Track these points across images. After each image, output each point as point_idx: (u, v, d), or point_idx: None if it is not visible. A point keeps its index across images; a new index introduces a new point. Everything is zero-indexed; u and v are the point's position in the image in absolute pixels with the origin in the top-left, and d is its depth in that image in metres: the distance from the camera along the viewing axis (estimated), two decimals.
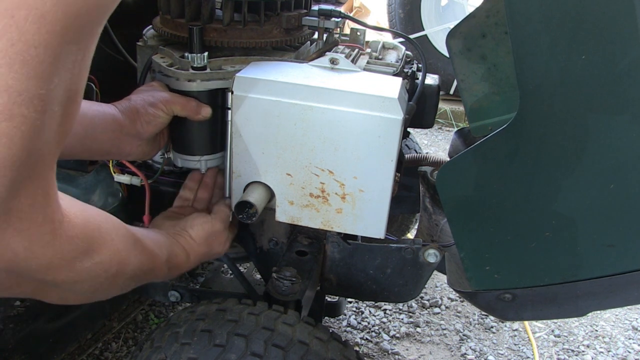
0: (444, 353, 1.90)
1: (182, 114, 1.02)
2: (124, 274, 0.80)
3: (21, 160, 0.54)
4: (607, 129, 0.88)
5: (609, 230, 0.97)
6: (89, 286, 0.74)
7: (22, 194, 0.56)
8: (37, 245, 0.61)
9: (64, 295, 0.73)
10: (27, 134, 0.53)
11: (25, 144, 0.53)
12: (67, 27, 0.53)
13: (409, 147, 1.85)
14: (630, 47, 0.82)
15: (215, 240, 1.07)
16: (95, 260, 0.71)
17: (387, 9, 4.12)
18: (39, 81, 0.52)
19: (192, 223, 1.05)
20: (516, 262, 1.03)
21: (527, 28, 0.84)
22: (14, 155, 0.53)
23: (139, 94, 1.02)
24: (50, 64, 0.53)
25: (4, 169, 0.52)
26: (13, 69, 0.50)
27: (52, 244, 0.62)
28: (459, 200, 1.01)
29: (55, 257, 0.64)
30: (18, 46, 0.50)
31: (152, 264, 0.89)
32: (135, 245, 0.84)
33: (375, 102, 0.97)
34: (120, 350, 1.76)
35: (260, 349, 0.89)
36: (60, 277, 0.67)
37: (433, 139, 3.85)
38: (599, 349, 1.98)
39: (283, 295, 1.06)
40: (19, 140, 0.52)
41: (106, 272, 0.75)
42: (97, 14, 0.56)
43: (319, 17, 1.18)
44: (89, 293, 0.76)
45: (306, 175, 1.05)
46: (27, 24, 0.50)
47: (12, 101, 0.51)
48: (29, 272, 0.62)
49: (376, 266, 1.20)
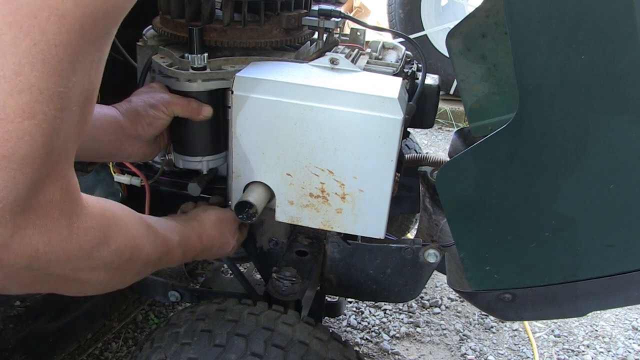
0: (444, 353, 1.90)
1: (183, 114, 1.02)
2: (138, 259, 0.81)
3: (42, 158, 0.55)
4: (607, 129, 0.88)
5: (609, 230, 0.97)
6: (105, 274, 0.75)
7: (41, 191, 0.58)
8: (56, 239, 0.62)
9: (83, 288, 0.74)
10: (48, 131, 0.54)
11: (46, 142, 0.55)
12: (85, 27, 0.54)
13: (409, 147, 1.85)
14: (630, 47, 0.82)
15: (227, 226, 1.09)
16: (111, 248, 0.73)
17: (387, 9, 4.12)
18: (59, 79, 0.54)
19: (203, 208, 1.07)
20: (516, 262, 1.03)
21: (526, 28, 0.84)
22: (35, 152, 0.54)
23: (139, 95, 1.02)
24: (70, 63, 0.54)
25: (25, 166, 0.54)
26: (35, 68, 0.52)
27: (70, 237, 0.64)
28: (459, 200, 1.01)
29: (74, 250, 0.65)
30: (40, 45, 0.51)
31: (165, 248, 0.90)
32: (148, 231, 0.85)
33: (375, 102, 0.97)
34: (120, 350, 1.76)
35: (260, 349, 0.89)
36: (79, 268, 0.68)
37: (433, 139, 3.85)
38: (599, 349, 1.98)
39: (283, 295, 1.06)
40: (40, 138, 0.54)
41: (120, 258, 0.76)
42: (113, 15, 0.58)
43: (319, 17, 1.18)
44: (106, 282, 0.77)
45: (306, 175, 1.05)
46: (48, 24, 0.51)
47: (34, 99, 0.52)
48: (49, 266, 0.63)
49: (376, 266, 1.20)
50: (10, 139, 0.52)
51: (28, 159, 0.54)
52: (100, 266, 0.73)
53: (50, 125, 0.54)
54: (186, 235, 0.98)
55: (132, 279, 0.84)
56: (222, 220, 1.08)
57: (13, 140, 0.52)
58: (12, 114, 0.51)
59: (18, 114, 0.52)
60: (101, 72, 0.62)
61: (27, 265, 0.60)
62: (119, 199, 1.20)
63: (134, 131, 0.99)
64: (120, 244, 0.75)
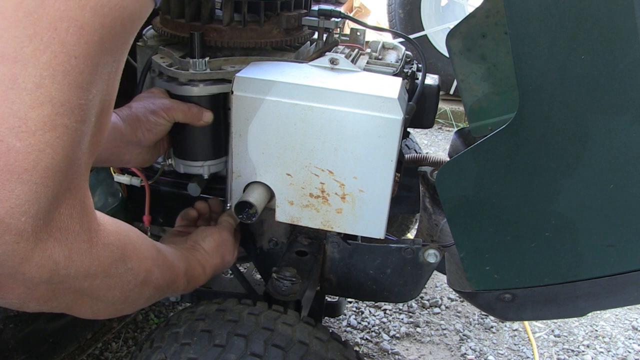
0: (444, 353, 1.90)
1: (184, 120, 1.02)
2: (150, 282, 0.81)
3: (63, 171, 0.55)
4: (606, 129, 0.88)
5: (609, 230, 0.97)
6: (120, 294, 0.75)
7: (62, 204, 0.58)
8: (77, 253, 0.62)
9: (96, 308, 0.74)
10: (69, 144, 0.54)
11: (67, 155, 0.55)
12: (104, 38, 0.54)
13: (409, 147, 1.85)
14: (630, 47, 0.82)
15: (226, 249, 1.08)
16: (128, 266, 0.73)
17: (387, 9, 4.12)
18: (80, 91, 0.54)
19: (202, 236, 1.05)
20: (516, 262, 1.03)
21: (526, 28, 0.84)
22: (57, 165, 0.54)
23: (139, 101, 1.01)
24: (90, 74, 0.54)
25: (47, 179, 0.53)
26: (56, 80, 0.52)
27: (90, 251, 0.64)
28: (459, 200, 1.01)
29: (93, 264, 0.65)
30: (60, 57, 0.51)
31: (173, 275, 0.90)
32: (158, 255, 0.85)
33: (375, 102, 0.97)
34: (120, 350, 1.76)
35: (260, 349, 0.89)
36: (96, 284, 0.69)
37: (433, 139, 3.85)
38: (599, 349, 1.98)
39: (283, 295, 1.06)
40: (61, 151, 0.54)
41: (135, 279, 0.77)
42: (130, 25, 0.58)
43: (319, 17, 1.18)
44: (119, 303, 0.77)
45: (306, 176, 1.05)
46: (68, 35, 0.51)
47: (55, 112, 0.52)
48: (68, 280, 0.63)
49: (376, 266, 1.20)
50: (32, 152, 0.51)
51: (50, 172, 0.53)
52: (117, 284, 0.73)
53: (72, 137, 0.54)
54: (191, 265, 0.97)
55: (143, 303, 0.84)
56: (221, 244, 1.07)
57: (34, 153, 0.52)
58: (33, 126, 0.51)
59: (39, 127, 0.51)
60: (117, 83, 0.62)
61: (47, 279, 0.60)
62: (119, 199, 1.20)
63: (134, 137, 0.98)
64: (135, 263, 0.75)
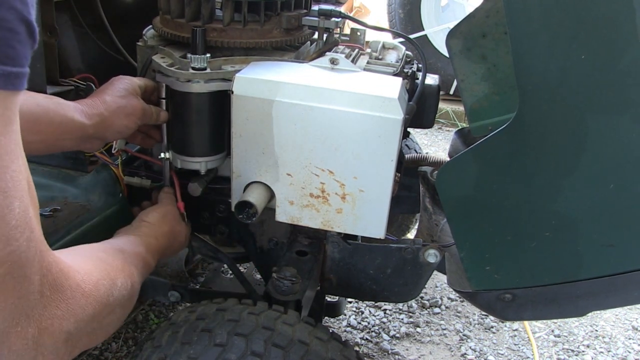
0: (444, 353, 1.90)
1: (143, 121, 1.07)
2: (135, 282, 0.87)
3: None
4: (606, 129, 0.88)
5: (609, 230, 0.97)
6: (121, 310, 0.81)
7: (41, 282, 0.58)
8: (80, 313, 0.66)
9: (106, 331, 0.78)
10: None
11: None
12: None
13: (409, 147, 1.85)
14: (630, 47, 0.82)
15: (172, 218, 1.11)
16: (118, 286, 0.78)
17: (387, 9, 4.13)
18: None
19: (145, 212, 1.10)
20: (516, 262, 1.03)
21: (526, 28, 0.84)
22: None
23: (114, 96, 1.02)
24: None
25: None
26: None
27: (87, 302, 0.67)
28: (459, 200, 1.01)
29: (97, 308, 0.70)
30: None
31: (142, 262, 0.95)
32: (124, 255, 0.90)
33: (375, 102, 0.97)
34: (120, 350, 1.76)
35: (261, 349, 0.89)
36: (102, 318, 0.73)
37: (433, 139, 3.85)
38: (599, 349, 1.98)
39: (283, 295, 1.06)
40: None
41: (128, 291, 0.82)
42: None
43: (319, 17, 1.18)
44: (122, 317, 0.82)
45: (306, 175, 1.05)
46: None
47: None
48: (79, 333, 0.66)
49: (376, 266, 1.20)
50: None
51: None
52: (117, 305, 0.78)
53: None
54: (145, 242, 1.01)
55: (135, 301, 0.89)
56: (164, 214, 1.10)
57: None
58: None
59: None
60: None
61: (65, 341, 0.64)
62: (119, 198, 1.20)
63: (102, 136, 1.03)
64: (120, 277, 0.80)
